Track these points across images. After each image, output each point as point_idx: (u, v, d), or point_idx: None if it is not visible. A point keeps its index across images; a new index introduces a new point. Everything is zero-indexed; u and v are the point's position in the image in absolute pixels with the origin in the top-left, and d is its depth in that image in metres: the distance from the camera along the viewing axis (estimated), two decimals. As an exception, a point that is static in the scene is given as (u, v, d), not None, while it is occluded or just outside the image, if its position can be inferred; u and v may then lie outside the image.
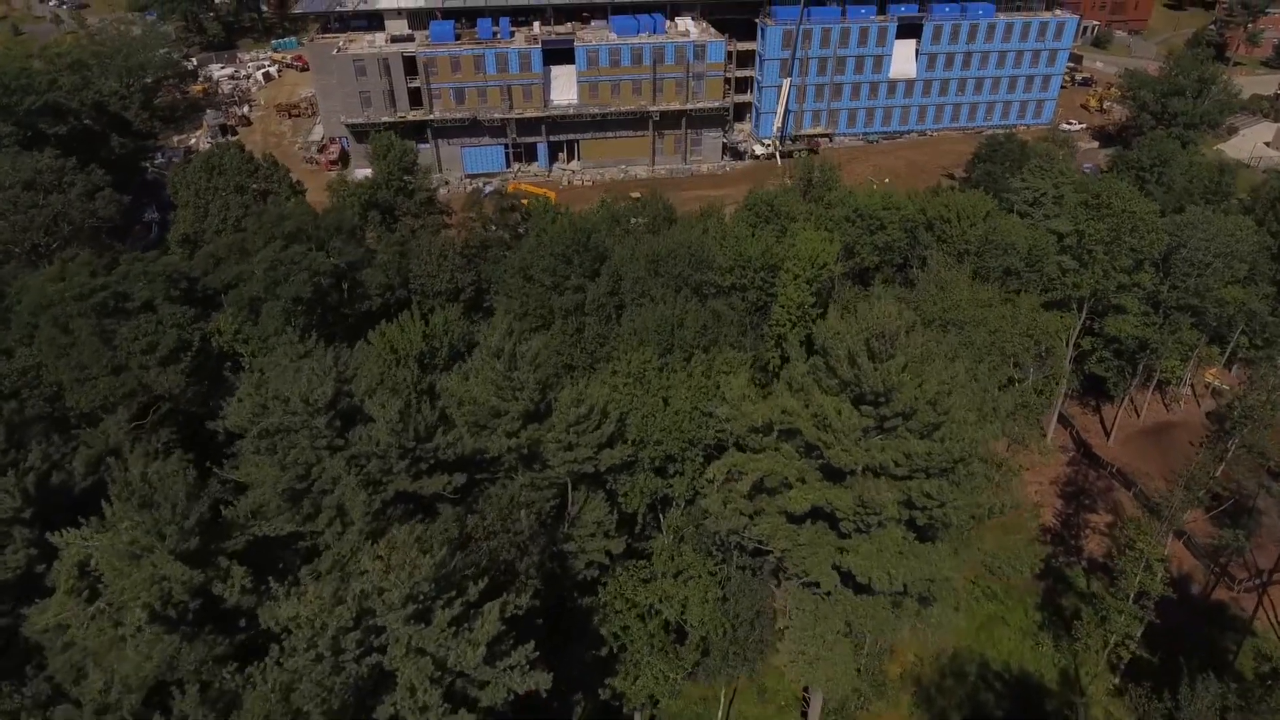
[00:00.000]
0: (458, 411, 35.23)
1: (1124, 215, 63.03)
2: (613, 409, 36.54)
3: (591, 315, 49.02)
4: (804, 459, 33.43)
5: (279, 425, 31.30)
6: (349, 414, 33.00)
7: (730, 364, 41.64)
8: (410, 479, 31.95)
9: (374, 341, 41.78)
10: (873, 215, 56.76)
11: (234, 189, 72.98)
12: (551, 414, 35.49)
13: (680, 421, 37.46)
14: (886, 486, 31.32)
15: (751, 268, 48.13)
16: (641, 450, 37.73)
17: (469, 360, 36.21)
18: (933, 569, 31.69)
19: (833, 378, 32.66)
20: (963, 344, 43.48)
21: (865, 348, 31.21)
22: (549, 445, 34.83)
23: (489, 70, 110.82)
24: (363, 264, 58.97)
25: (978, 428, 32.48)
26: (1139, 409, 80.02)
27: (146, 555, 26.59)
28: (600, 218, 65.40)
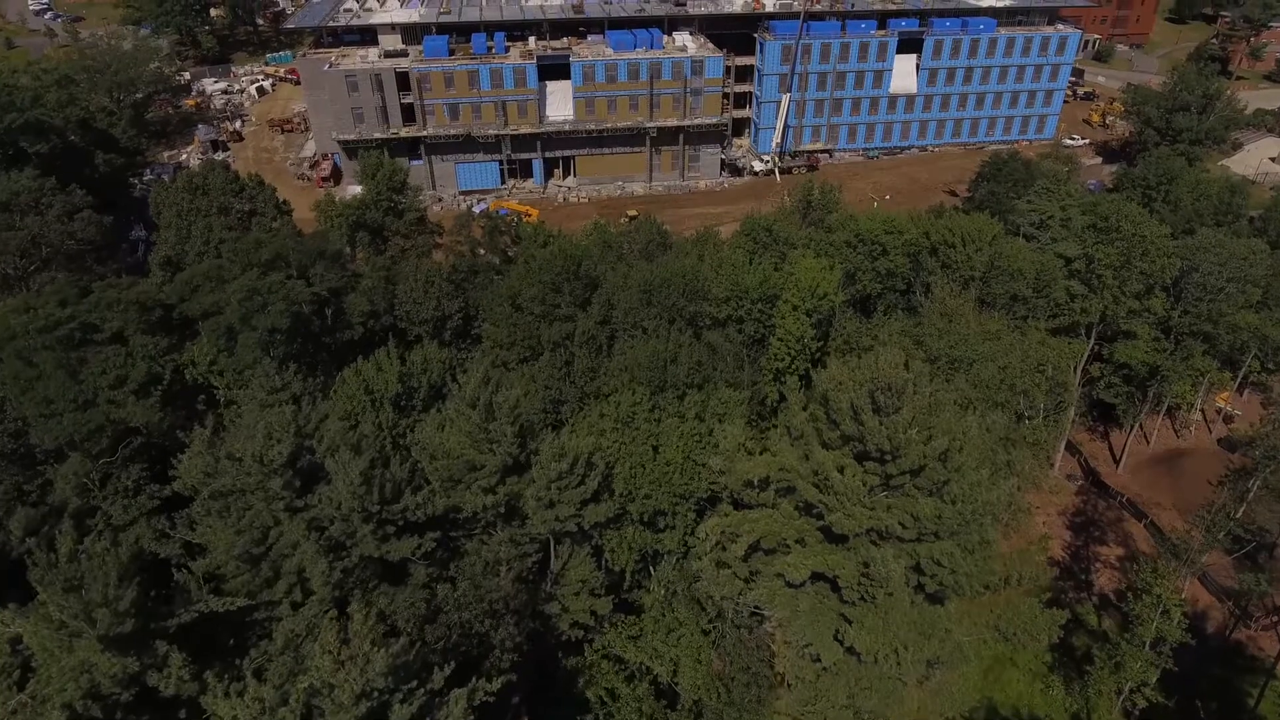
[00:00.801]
0: (430, 466, 33.05)
1: (1134, 239, 60.99)
2: (599, 459, 34.37)
3: (581, 348, 46.89)
4: (803, 517, 31.26)
5: (232, 487, 29.11)
6: (311, 472, 30.84)
7: (726, 404, 39.51)
8: (376, 542, 29.77)
9: (349, 380, 39.62)
10: (874, 240, 54.74)
11: (217, 210, 70.96)
12: (533, 465, 33.29)
13: (671, 474, 35.26)
14: (892, 552, 29.14)
15: (748, 299, 46.06)
16: (630, 503, 35.52)
17: (445, 406, 34.06)
18: (941, 642, 29.45)
19: (834, 429, 30.53)
20: (970, 382, 41.37)
21: (869, 400, 29.12)
22: (529, 502, 32.66)
23: (483, 86, 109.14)
24: (346, 290, 56.88)
25: (990, 488, 30.32)
26: (1148, 436, 77.74)
27: (76, 639, 24.36)
28: (592, 242, 63.34)
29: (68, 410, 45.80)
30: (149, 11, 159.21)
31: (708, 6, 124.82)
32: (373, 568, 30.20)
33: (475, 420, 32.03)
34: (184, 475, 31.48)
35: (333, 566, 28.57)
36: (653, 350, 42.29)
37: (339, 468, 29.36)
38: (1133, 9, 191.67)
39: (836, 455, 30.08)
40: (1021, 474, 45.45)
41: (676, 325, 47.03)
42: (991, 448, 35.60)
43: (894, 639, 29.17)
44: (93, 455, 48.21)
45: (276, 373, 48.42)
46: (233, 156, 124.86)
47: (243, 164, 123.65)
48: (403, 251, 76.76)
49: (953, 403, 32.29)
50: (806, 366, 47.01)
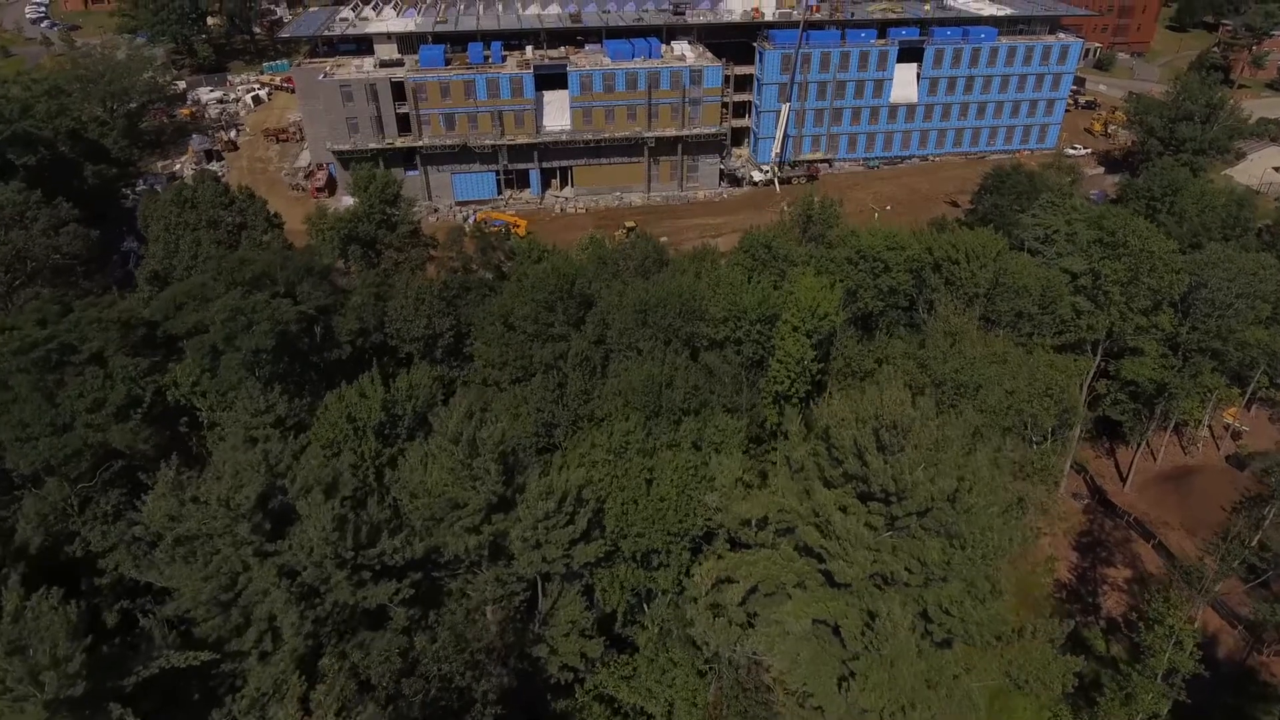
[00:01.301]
0: (411, 505, 31.60)
1: (1142, 255, 59.63)
2: (590, 493, 32.91)
3: (575, 370, 45.47)
4: (804, 558, 29.80)
5: (197, 531, 27.65)
6: (283, 513, 29.39)
7: (723, 432, 38.09)
8: (351, 588, 28.31)
9: (331, 407, 38.20)
10: (876, 257, 53.39)
11: (206, 224, 69.64)
12: (519, 503, 31.78)
13: (665, 510, 33.79)
14: (899, 598, 27.66)
15: (747, 319, 44.69)
16: (622, 540, 34.03)
17: (428, 441, 32.58)
18: (949, 693, 27.93)
19: (836, 466, 29.12)
20: (977, 408, 39.93)
21: (873, 438, 27.71)
22: (515, 543, 31.19)
23: (480, 96, 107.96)
24: (335, 308, 55.51)
25: (1002, 531, 28.82)
26: (1155, 452, 76.28)
27: (22, 704, 22.89)
28: (588, 257, 62.01)
29: (44, 434, 44.38)
30: (144, 20, 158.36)
31: (706, 15, 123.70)
32: (348, 613, 28.72)
33: (458, 456, 30.62)
34: (148, 518, 29.94)
35: (304, 616, 27.09)
36: (647, 374, 40.91)
37: (311, 511, 27.88)
38: (1134, 17, 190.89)
39: (839, 495, 28.67)
40: (1032, 504, 44.02)
41: (672, 346, 45.64)
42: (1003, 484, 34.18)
43: (901, 695, 27.64)
44: (71, 479, 46.82)
45: (261, 394, 47.07)
46: (227, 166, 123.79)
47: (237, 174, 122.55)
48: (396, 265, 75.42)
49: (961, 437, 30.87)
50: (807, 389, 45.61)
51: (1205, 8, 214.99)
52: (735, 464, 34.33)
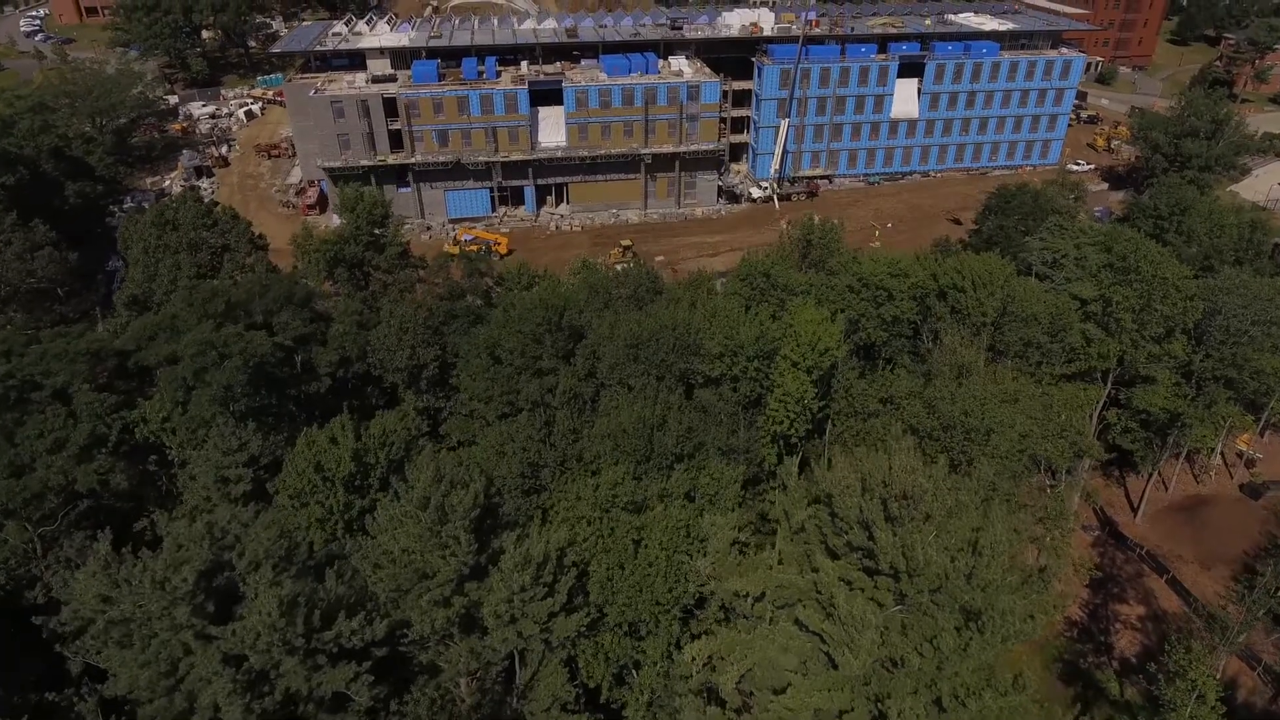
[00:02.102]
0: (374, 576, 29.23)
1: (1154, 281, 57.46)
2: (574, 555, 30.57)
3: (563, 407, 43.22)
4: (806, 634, 27.41)
5: (131, 614, 25.29)
6: (231, 590, 27.03)
7: (718, 481, 35.78)
8: (306, 673, 25.91)
9: (299, 455, 35.90)
10: (879, 285, 51.22)
11: (187, 246, 67.49)
12: (495, 570, 29.35)
13: (653, 578, 31.39)
14: (910, 684, 25.30)
15: (744, 355, 42.48)
16: (608, 607, 31.63)
17: (395, 504, 30.17)
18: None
19: (840, 536, 26.84)
20: (988, 455, 37.67)
21: (881, 510, 25.46)
22: (488, 618, 28.80)
23: (473, 112, 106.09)
24: (315, 337, 53.25)
25: (1025, 609, 26.48)
26: (1167, 481, 73.82)
27: None
28: (579, 281, 59.83)
29: (1, 476, 42.05)
30: (137, 34, 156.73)
31: (704, 30, 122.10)
32: (303, 700, 26.28)
33: (426, 523, 28.29)
34: (78, 600, 27.33)
35: (250, 709, 24.71)
36: (638, 415, 38.65)
37: (257, 593, 25.45)
38: (1135, 31, 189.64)
39: (843, 566, 26.37)
40: (1047, 549, 41.79)
41: (666, 382, 43.40)
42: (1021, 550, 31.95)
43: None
44: (34, 521, 44.53)
45: (233, 432, 44.81)
46: (217, 183, 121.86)
47: (227, 190, 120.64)
48: (384, 287, 73.31)
49: (975, 502, 28.58)
50: (807, 428, 43.34)
51: (1207, 21, 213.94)
52: (730, 523, 31.98)
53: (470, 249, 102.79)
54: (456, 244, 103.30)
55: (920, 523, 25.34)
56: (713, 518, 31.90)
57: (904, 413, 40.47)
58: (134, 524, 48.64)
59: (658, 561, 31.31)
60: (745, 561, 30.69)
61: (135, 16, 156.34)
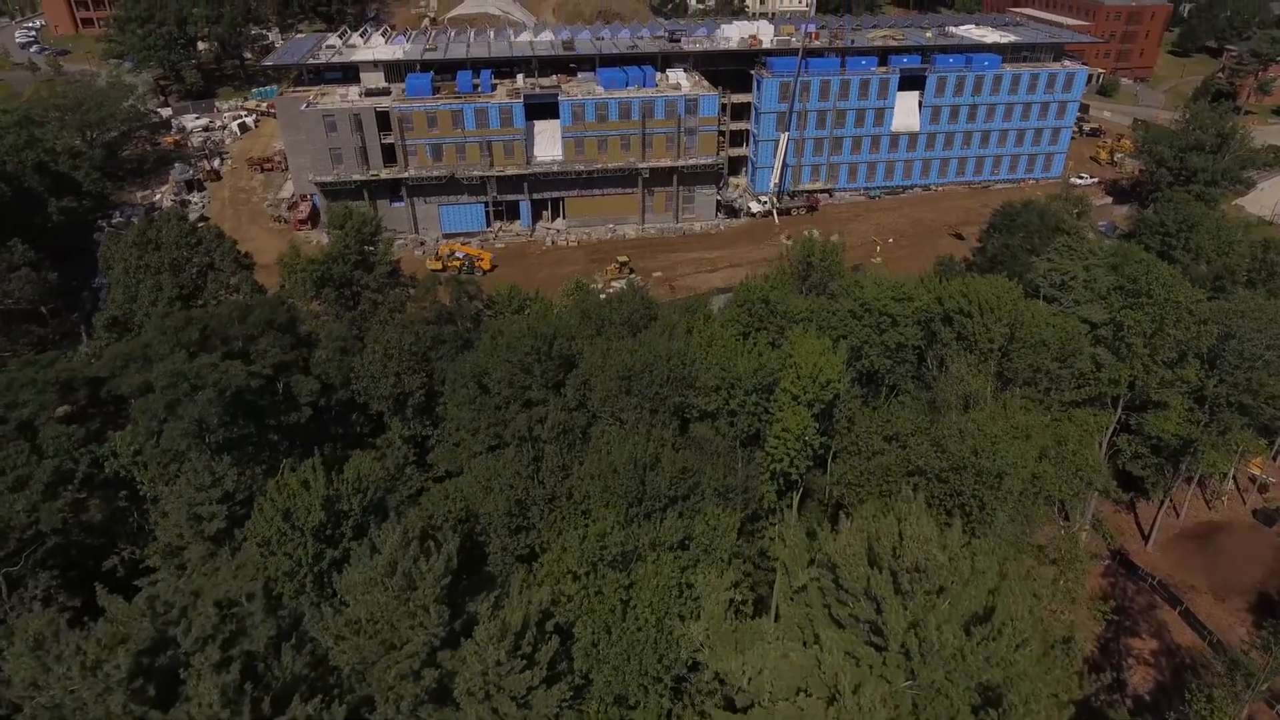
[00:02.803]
0: (337, 649, 27.15)
1: (1167, 304, 55.52)
2: (559, 614, 28.47)
3: (552, 442, 41.21)
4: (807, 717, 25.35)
5: (60, 701, 23.24)
6: (171, 672, 24.96)
7: (714, 530, 33.72)
8: (257, 761, 23.92)
9: (268, 504, 33.85)
10: (882, 310, 49.28)
11: (169, 266, 65.55)
12: (473, 630, 27.27)
13: (642, 645, 29.23)
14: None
15: (741, 389, 40.50)
16: (594, 673, 29.49)
17: (366, 563, 28.08)
18: None
19: (845, 606, 24.80)
20: (999, 498, 35.70)
21: (892, 584, 23.44)
22: (461, 695, 26.68)
23: (468, 125, 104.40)
24: (296, 365, 51.24)
25: (1050, 685, 24.49)
26: (1178, 508, 71.73)
27: None
28: (571, 304, 57.92)
29: (-39, 516, 40.02)
30: (131, 46, 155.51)
31: (702, 43, 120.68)
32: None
33: (393, 590, 26.22)
34: (11, 676, 25.21)
35: (192, 807, 22.70)
36: (630, 453, 36.68)
37: (200, 678, 23.36)
38: (1136, 42, 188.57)
39: (848, 638, 24.30)
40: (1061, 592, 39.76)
41: (660, 416, 41.40)
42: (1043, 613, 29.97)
43: None
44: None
45: (206, 468, 42.79)
46: (208, 197, 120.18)
47: (218, 204, 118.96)
48: (374, 307, 71.37)
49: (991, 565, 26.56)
50: (808, 464, 41.36)
51: (1208, 32, 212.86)
52: (725, 583, 29.89)
53: (453, 265, 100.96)
54: (439, 259, 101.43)
55: (933, 596, 23.33)
56: (707, 577, 29.81)
57: (910, 452, 38.52)
58: (104, 561, 46.74)
59: (647, 626, 29.14)
60: (741, 628, 28.59)
61: (129, 28, 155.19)
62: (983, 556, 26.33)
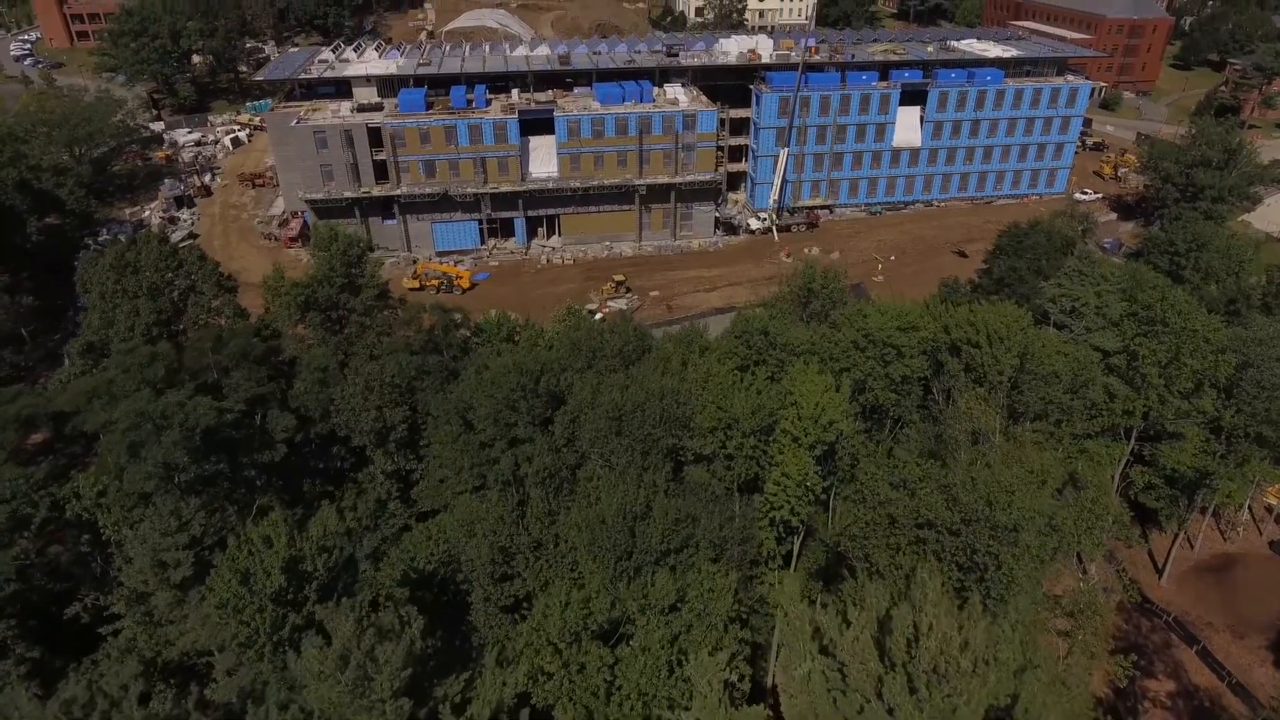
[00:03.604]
0: None
1: (1184, 333, 53.28)
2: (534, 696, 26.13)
3: (538, 486, 38.89)
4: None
5: None
6: None
7: (708, 592, 31.35)
8: None
9: (227, 564, 31.46)
10: (887, 341, 47.01)
11: (147, 291, 63.35)
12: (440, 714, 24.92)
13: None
14: None
15: (738, 431, 38.19)
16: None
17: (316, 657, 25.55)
18: None
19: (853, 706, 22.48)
20: (1014, 556, 33.25)
21: (907, 687, 21.14)
22: None
23: (461, 142, 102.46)
24: (272, 398, 48.95)
25: None
26: (1192, 539, 69.21)
27: None
28: (561, 333, 55.70)
29: (-91, 564, 37.67)
30: (124, 60, 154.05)
31: (701, 57, 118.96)
32: None
33: (346, 685, 23.78)
34: None
35: None
36: (620, 502, 34.34)
37: None
38: (1138, 56, 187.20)
39: None
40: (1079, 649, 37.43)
41: (652, 459, 39.09)
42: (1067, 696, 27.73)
43: None
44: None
45: (172, 513, 40.40)
46: (198, 213, 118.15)
47: (208, 221, 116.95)
48: (361, 331, 69.18)
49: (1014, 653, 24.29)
50: (810, 510, 39.05)
51: (1210, 46, 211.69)
52: (719, 662, 27.50)
53: (431, 284, 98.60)
54: (416, 278, 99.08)
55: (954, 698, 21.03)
56: (699, 656, 27.40)
57: (919, 502, 36.19)
58: (66, 608, 44.32)
59: (634, 715, 26.73)
60: (738, 717, 26.22)
61: (122, 42, 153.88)
62: (1006, 646, 23.95)
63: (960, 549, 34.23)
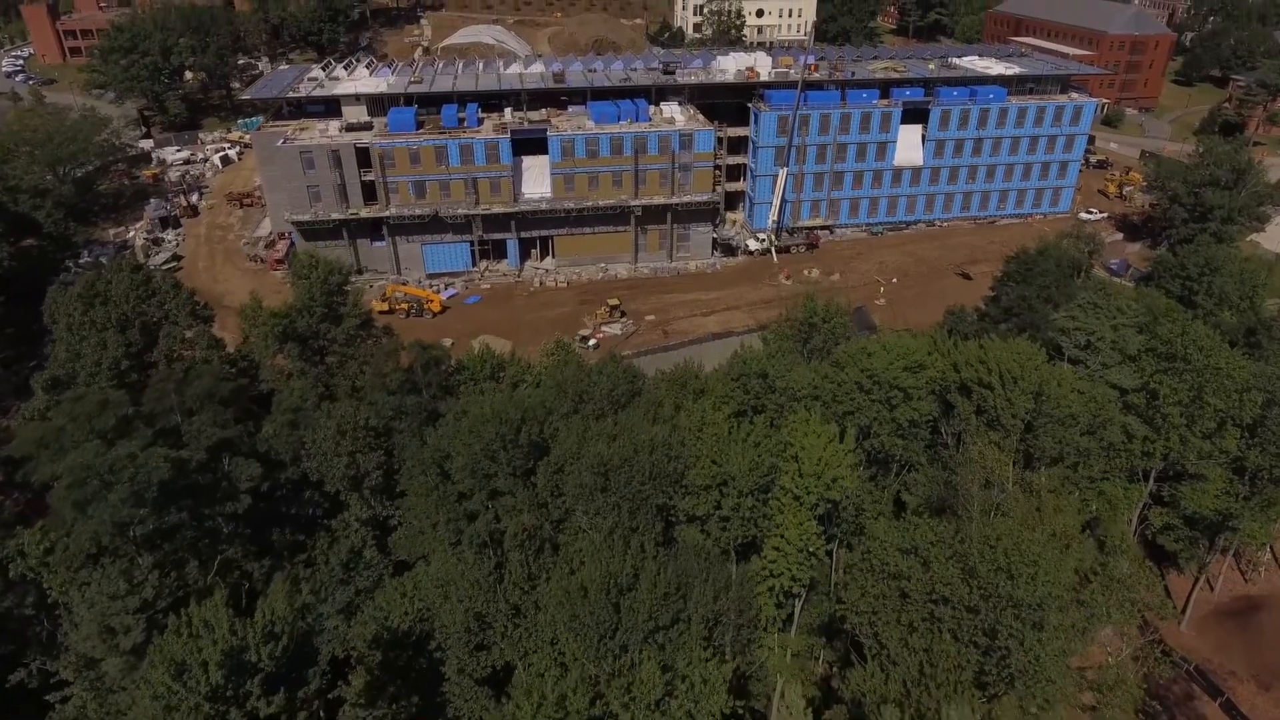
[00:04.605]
0: None
1: (1207, 371, 50.38)
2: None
3: (516, 549, 35.86)
4: None
5: None
6: None
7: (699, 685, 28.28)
8: None
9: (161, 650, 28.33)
10: (893, 384, 44.05)
11: (116, 323, 60.49)
12: None
13: None
14: None
15: (735, 490, 35.23)
16: None
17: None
18: None
19: None
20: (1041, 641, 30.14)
21: None
22: None
23: (452, 162, 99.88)
24: (238, 443, 45.93)
25: None
26: (1212, 580, 66.09)
27: None
28: (551, 363, 52.81)
29: None
30: (114, 77, 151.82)
31: (698, 75, 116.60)
32: None
33: None
34: None
35: None
36: (604, 572, 31.35)
37: None
38: (1140, 72, 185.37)
39: None
40: None
41: (641, 518, 36.12)
42: None
43: None
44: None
45: (121, 576, 37.36)
46: (184, 234, 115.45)
47: (193, 242, 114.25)
48: (342, 362, 66.32)
49: None
50: (812, 575, 36.06)
51: (1212, 62, 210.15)
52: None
53: (400, 307, 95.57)
54: (385, 300, 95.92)
55: None
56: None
57: (934, 575, 33.15)
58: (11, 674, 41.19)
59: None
60: None
61: (112, 59, 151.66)
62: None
63: (979, 629, 31.21)
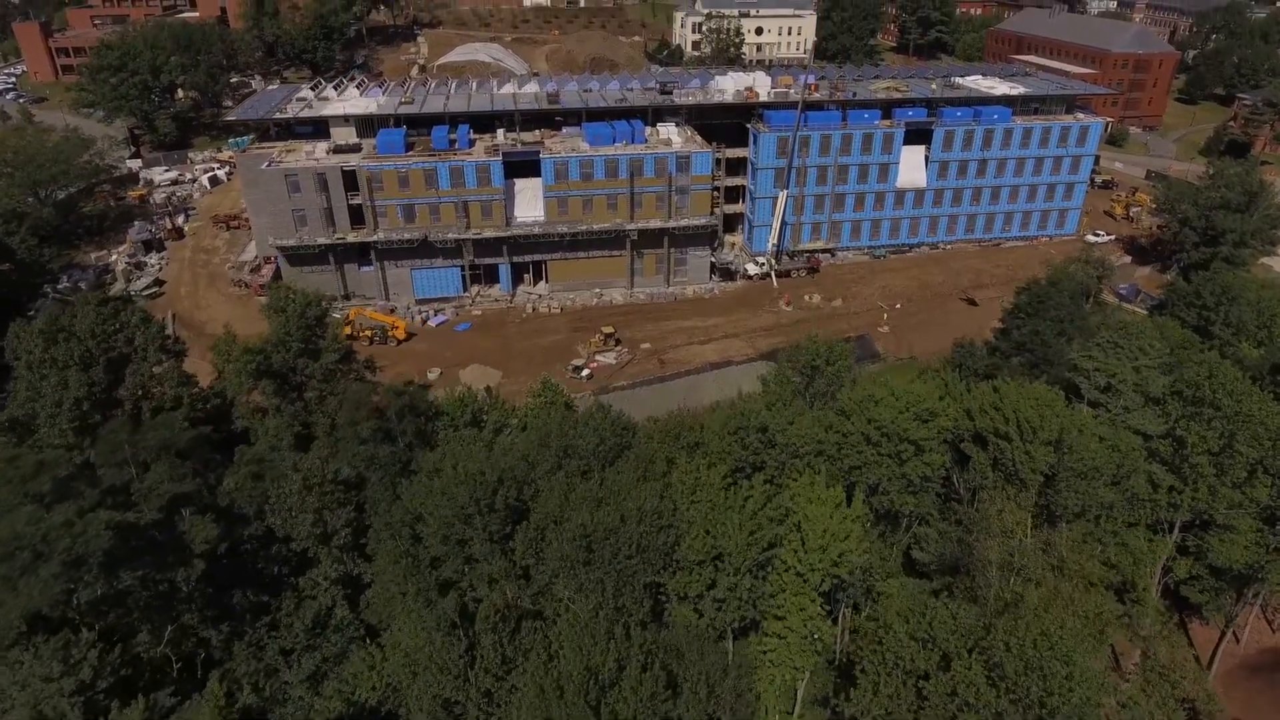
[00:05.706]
0: None
1: (1238, 418, 47.08)
2: None
3: (490, 631, 32.49)
4: None
5: None
6: None
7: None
8: None
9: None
10: (903, 436, 40.77)
11: (78, 361, 57.25)
12: None
13: None
14: None
15: (731, 565, 31.85)
16: None
17: None
18: None
19: None
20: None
21: None
22: None
23: (442, 185, 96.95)
24: (196, 498, 42.57)
25: None
26: (1239, 633, 62.48)
27: None
28: (537, 405, 49.51)
29: None
30: (102, 96, 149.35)
31: (696, 95, 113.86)
32: None
33: None
34: None
35: None
36: (585, 664, 28.02)
37: None
38: (1144, 91, 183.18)
39: None
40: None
41: (628, 595, 32.79)
42: None
43: None
44: None
45: (55, 653, 33.91)
46: (167, 258, 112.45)
47: (177, 266, 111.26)
48: (320, 399, 63.12)
49: None
50: (817, 661, 32.71)
51: (1215, 80, 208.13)
52: None
53: (364, 334, 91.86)
54: (349, 324, 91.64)
55: None
56: None
57: (956, 677, 29.75)
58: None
59: None
60: None
61: (100, 78, 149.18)
62: None
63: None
